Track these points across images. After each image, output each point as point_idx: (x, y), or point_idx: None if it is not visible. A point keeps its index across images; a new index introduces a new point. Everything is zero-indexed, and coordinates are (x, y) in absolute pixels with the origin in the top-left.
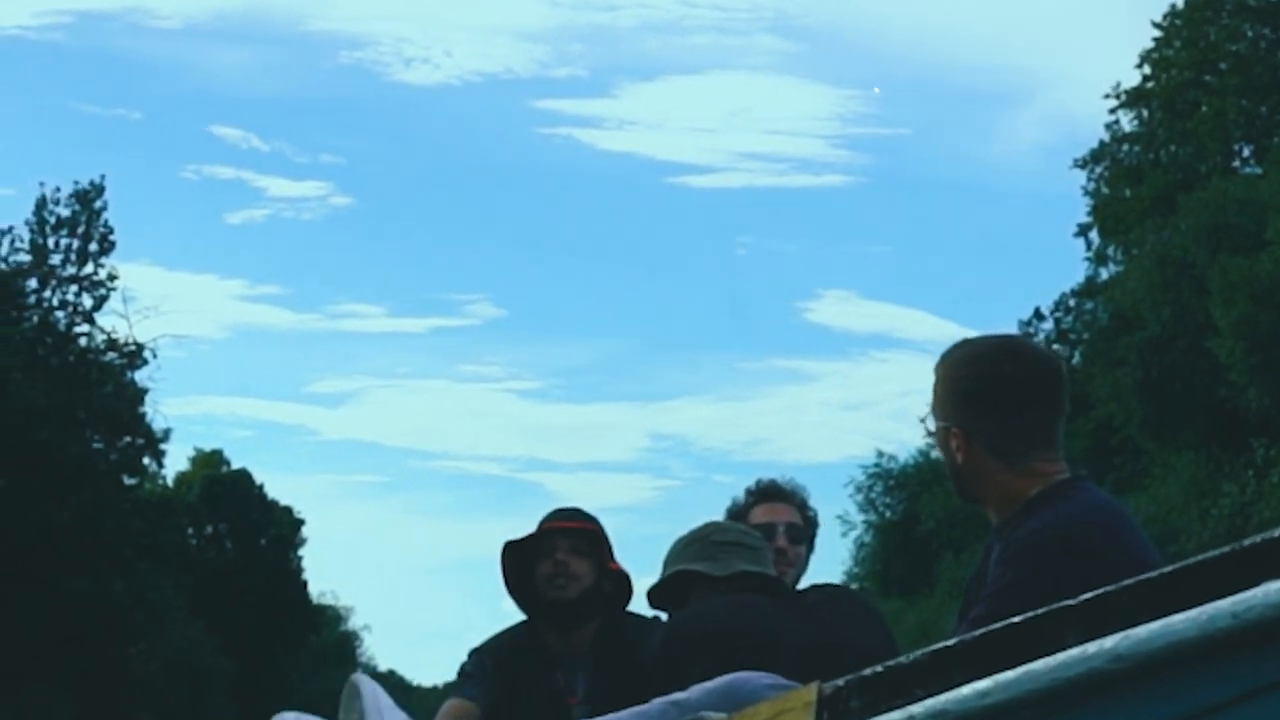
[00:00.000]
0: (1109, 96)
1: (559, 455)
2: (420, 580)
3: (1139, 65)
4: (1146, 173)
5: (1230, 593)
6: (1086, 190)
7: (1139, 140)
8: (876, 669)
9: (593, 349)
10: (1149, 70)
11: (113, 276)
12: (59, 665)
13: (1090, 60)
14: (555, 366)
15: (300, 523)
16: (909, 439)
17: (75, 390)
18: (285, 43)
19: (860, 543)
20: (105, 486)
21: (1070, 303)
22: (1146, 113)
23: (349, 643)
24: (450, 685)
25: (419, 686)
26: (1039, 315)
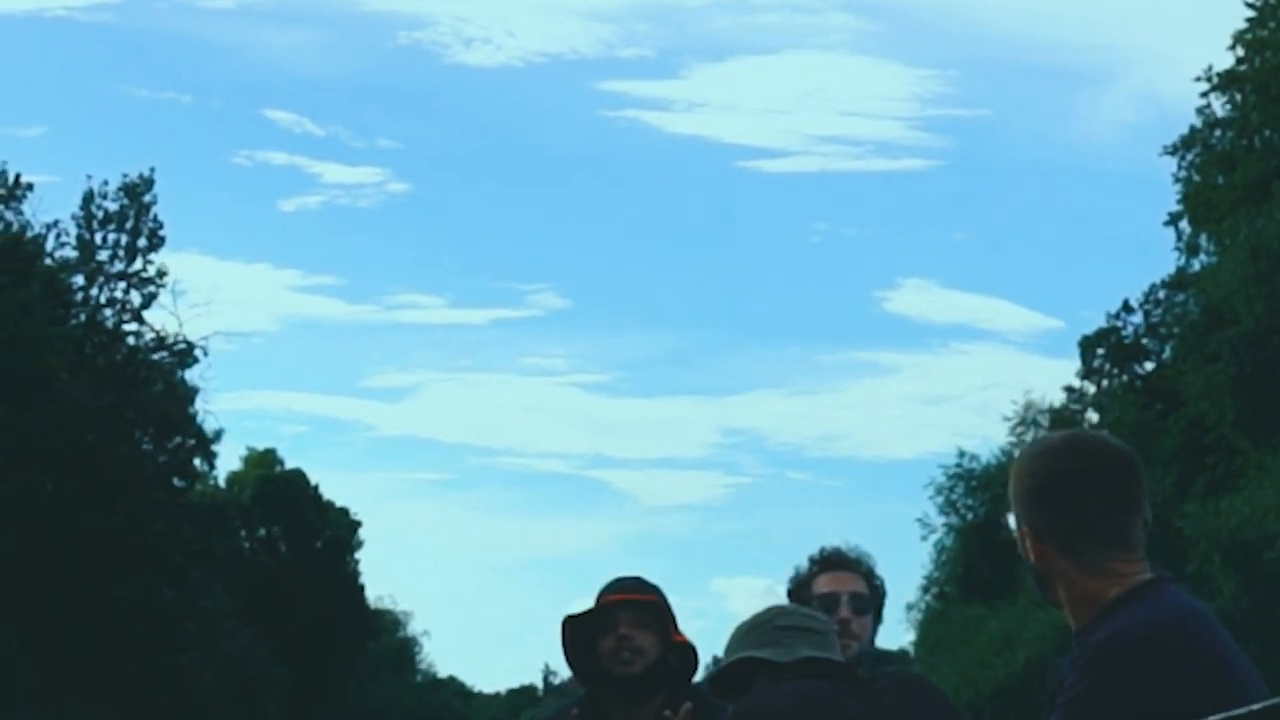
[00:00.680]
0: (1200, 79)
1: (626, 452)
2: (482, 583)
3: (1231, 46)
4: (1240, 159)
5: None
6: (1177, 177)
7: (1232, 125)
8: None
9: (661, 341)
10: (1242, 52)
11: (162, 273)
12: (107, 675)
13: (1179, 40)
14: (622, 359)
15: (357, 524)
16: (992, 435)
17: (124, 390)
18: (341, 23)
19: (940, 546)
20: (155, 490)
21: (1160, 295)
22: (1240, 96)
23: (408, 649)
24: (511, 694)
25: (480, 693)
26: (1128, 308)
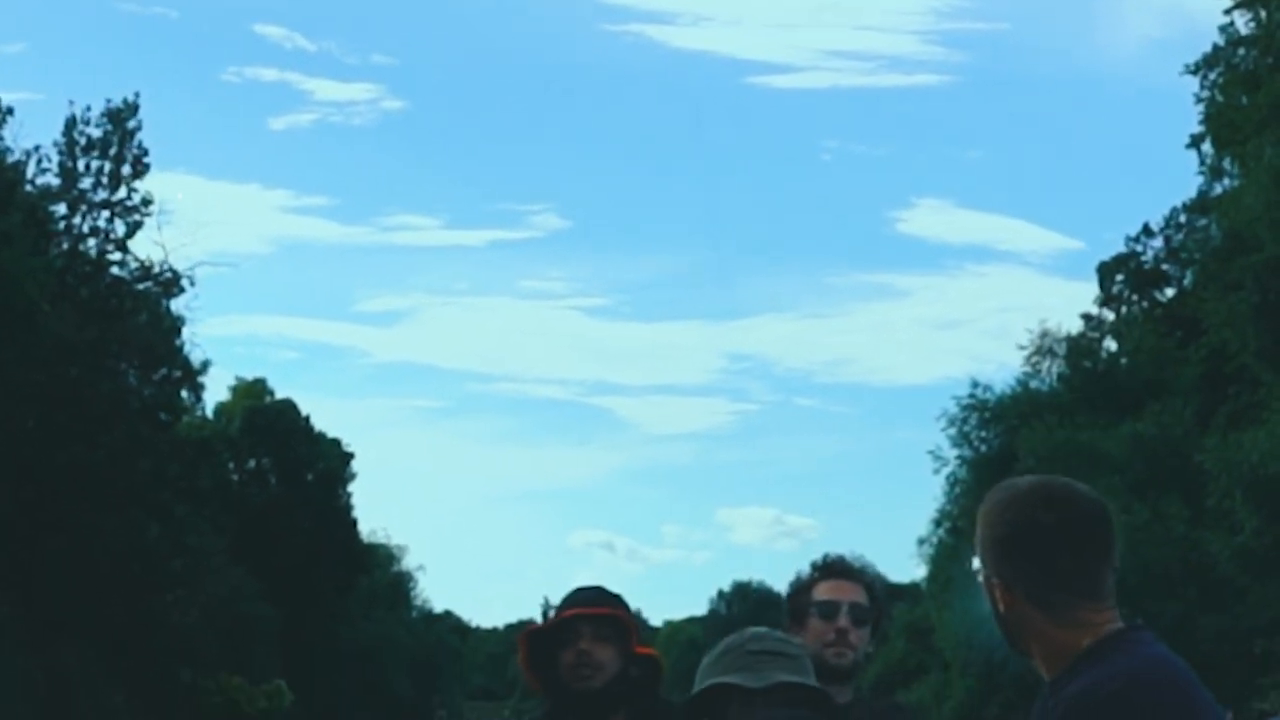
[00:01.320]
0: None
1: (628, 377)
2: (479, 515)
3: None
4: (1264, 79)
5: None
6: (1199, 97)
7: (1256, 44)
8: None
9: (665, 263)
10: None
11: (147, 201)
12: (92, 616)
13: None
14: (624, 282)
15: (349, 456)
16: (1008, 360)
17: (108, 322)
18: None
19: (953, 479)
20: (140, 425)
21: (1181, 219)
22: (1265, 14)
23: (402, 585)
24: (510, 629)
25: (478, 628)
26: (1148, 231)
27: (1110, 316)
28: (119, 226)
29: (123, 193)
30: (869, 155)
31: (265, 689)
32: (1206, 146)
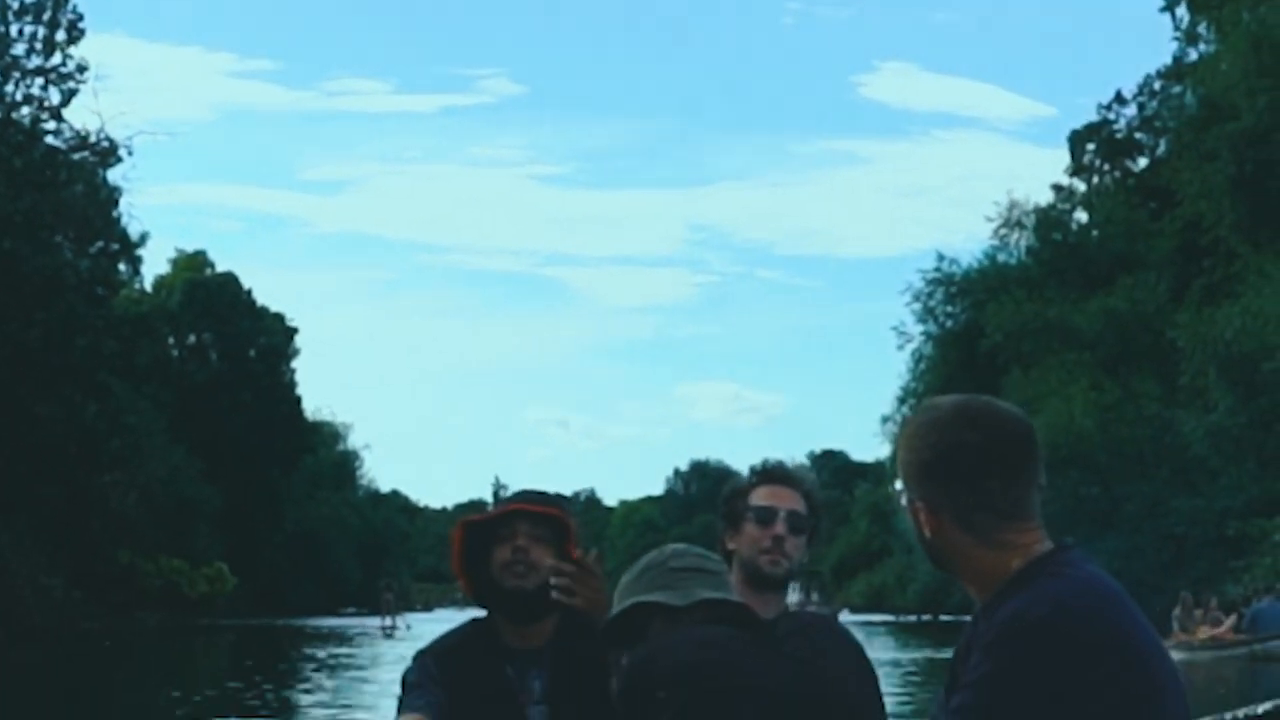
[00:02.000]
0: None
1: (585, 248)
2: (428, 391)
3: None
4: None
5: None
6: None
7: None
8: None
9: (623, 129)
10: None
11: (82, 68)
12: (28, 497)
13: None
14: (581, 149)
15: (293, 330)
16: (975, 230)
17: (42, 193)
18: None
19: (919, 355)
20: (76, 301)
21: (1156, 86)
22: None
23: (348, 464)
24: (459, 509)
25: (426, 509)
26: (1120, 99)
27: (1081, 187)
28: (53, 94)
29: (57, 59)
30: (832, 17)
31: (206, 572)
32: (1182, 10)
